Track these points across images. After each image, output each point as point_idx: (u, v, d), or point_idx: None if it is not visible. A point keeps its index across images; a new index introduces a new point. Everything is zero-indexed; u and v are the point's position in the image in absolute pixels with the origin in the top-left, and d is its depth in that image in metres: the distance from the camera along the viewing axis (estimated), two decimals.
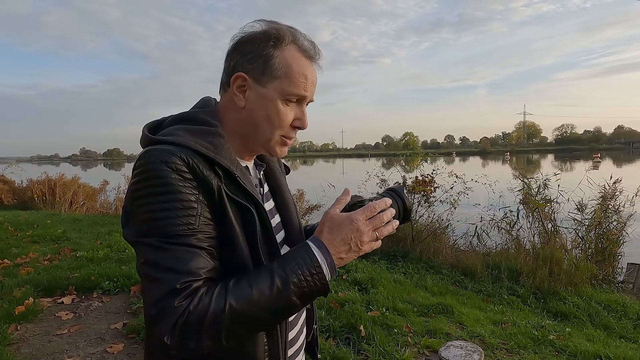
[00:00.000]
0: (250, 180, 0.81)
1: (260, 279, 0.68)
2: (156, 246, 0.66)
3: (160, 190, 0.67)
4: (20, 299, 3.34)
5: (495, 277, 4.49)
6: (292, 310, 0.71)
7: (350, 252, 0.73)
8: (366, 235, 0.73)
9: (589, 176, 5.39)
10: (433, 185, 5.84)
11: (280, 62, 0.77)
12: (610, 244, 4.96)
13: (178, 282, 0.64)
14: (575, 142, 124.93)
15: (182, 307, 0.64)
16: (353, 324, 2.98)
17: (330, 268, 0.71)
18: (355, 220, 0.73)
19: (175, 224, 0.67)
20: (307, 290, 0.69)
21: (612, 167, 20.49)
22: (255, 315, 0.67)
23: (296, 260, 0.70)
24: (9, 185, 11.40)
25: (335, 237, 0.73)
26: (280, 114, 0.78)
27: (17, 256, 4.76)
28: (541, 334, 3.06)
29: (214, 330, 0.64)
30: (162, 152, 0.69)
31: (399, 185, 0.87)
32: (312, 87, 0.81)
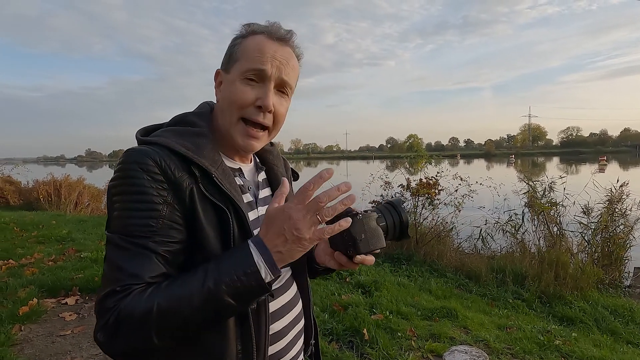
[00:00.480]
0: (233, 182, 0.79)
1: (194, 278, 0.67)
2: (114, 243, 0.69)
3: (128, 190, 0.70)
4: (24, 299, 3.35)
5: (500, 281, 4.45)
6: (227, 311, 0.68)
7: (288, 243, 0.67)
8: (301, 221, 0.65)
9: (595, 179, 5.34)
10: (437, 188, 5.82)
11: (241, 48, 0.81)
12: (617, 248, 4.91)
13: (120, 284, 0.66)
14: (581, 145, 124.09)
15: (116, 307, 0.65)
16: (356, 327, 2.96)
17: (270, 265, 0.67)
18: (287, 209, 0.67)
19: (135, 224, 0.68)
20: (242, 289, 0.66)
21: (619, 170, 20.30)
22: (185, 314, 0.65)
23: (232, 259, 0.68)
24: (15, 185, 11.50)
25: (269, 230, 0.68)
26: (238, 92, 0.78)
27: (22, 257, 4.78)
28: (547, 339, 3.02)
29: (143, 329, 0.64)
30: (137, 153, 0.71)
31: (398, 199, 0.82)
32: (274, 62, 0.79)
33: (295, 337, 0.89)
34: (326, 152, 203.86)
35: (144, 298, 0.65)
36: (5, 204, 10.79)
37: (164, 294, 0.65)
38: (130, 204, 0.69)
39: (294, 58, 0.83)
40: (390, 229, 0.78)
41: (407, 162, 8.18)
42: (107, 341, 0.65)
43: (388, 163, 16.67)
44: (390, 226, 0.78)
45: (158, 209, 0.69)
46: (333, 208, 0.67)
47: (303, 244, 0.67)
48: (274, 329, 0.82)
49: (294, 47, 0.84)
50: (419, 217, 5.75)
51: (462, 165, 36.65)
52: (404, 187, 6.02)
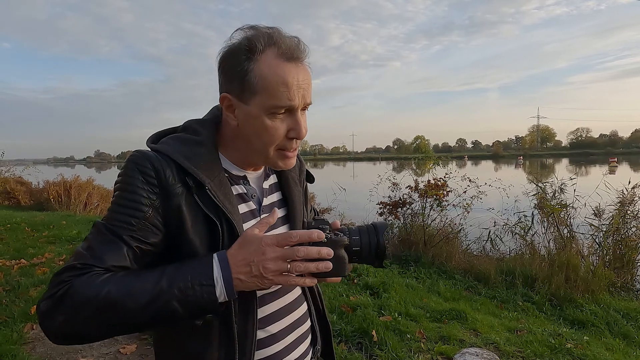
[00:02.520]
0: (228, 193, 0.78)
1: (150, 274, 0.67)
2: (97, 228, 0.71)
3: (122, 187, 0.73)
4: (36, 298, 3.40)
5: (509, 283, 4.41)
6: (171, 317, 0.66)
7: (251, 277, 0.67)
8: (271, 262, 0.66)
9: (606, 180, 5.27)
10: (446, 189, 5.78)
11: (255, 76, 0.72)
12: (629, 250, 4.83)
13: (82, 261, 0.67)
14: (591, 146, 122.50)
15: (69, 281, 0.65)
16: (365, 329, 2.95)
17: (227, 285, 0.67)
18: (264, 244, 0.67)
19: (118, 218, 0.71)
20: (192, 299, 0.65)
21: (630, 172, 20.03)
22: (130, 308, 0.64)
23: (192, 266, 0.68)
24: (26, 186, 11.67)
25: (239, 254, 0.68)
26: (269, 129, 0.75)
27: (33, 256, 4.85)
28: (558, 342, 2.99)
29: (86, 311, 0.64)
30: (139, 155, 0.75)
31: (382, 223, 0.78)
32: (299, 92, 0.74)
33: (296, 341, 0.87)
34: (333, 153, 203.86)
35: (97, 281, 0.65)
36: (16, 204, 10.95)
37: (117, 283, 0.65)
38: (120, 200, 0.72)
39: (310, 74, 0.78)
40: (365, 252, 0.75)
41: (414, 163, 8.16)
42: (47, 312, 0.65)
43: (395, 164, 16.62)
44: (365, 249, 0.75)
45: (143, 210, 0.71)
46: (306, 267, 0.68)
47: (264, 282, 0.68)
48: (270, 332, 0.82)
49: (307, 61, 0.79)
50: (427, 219, 5.72)
51: (469, 166, 36.41)
52: (412, 188, 6.00)
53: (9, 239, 5.85)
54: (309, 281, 0.70)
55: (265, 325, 0.81)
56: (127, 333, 0.73)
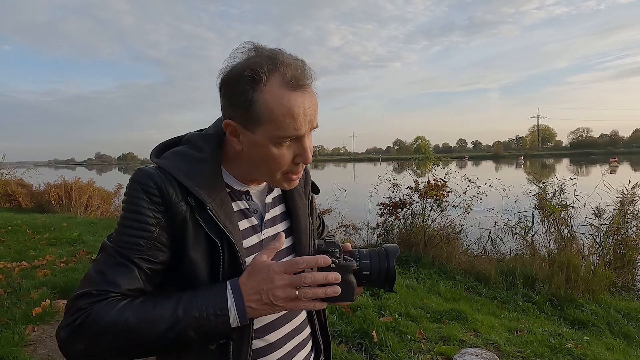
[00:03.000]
0: (230, 212, 0.78)
1: (166, 303, 0.68)
2: (106, 251, 0.72)
3: (128, 208, 0.73)
4: (37, 300, 3.41)
5: (509, 284, 4.41)
6: (187, 344, 0.68)
7: (262, 304, 0.68)
8: (280, 290, 0.68)
9: (606, 180, 5.27)
10: (446, 190, 5.79)
11: (261, 106, 0.71)
12: (629, 250, 4.82)
13: (97, 287, 0.68)
14: (592, 146, 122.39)
15: (87, 309, 0.66)
16: (365, 330, 2.95)
17: (240, 314, 0.69)
18: (272, 271, 0.68)
19: (126, 240, 0.71)
20: (207, 329, 0.67)
21: (630, 172, 20.01)
22: (148, 336, 0.66)
23: (207, 295, 0.69)
24: (27, 188, 11.69)
25: (249, 282, 0.70)
26: (276, 157, 0.75)
27: (34, 258, 4.86)
28: (558, 342, 2.99)
29: (106, 338, 0.65)
30: (142, 174, 0.75)
31: (393, 247, 0.78)
32: (305, 119, 0.73)
33: (295, 349, 0.88)
34: (333, 154, 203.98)
35: (115, 309, 0.66)
36: (17, 207, 10.97)
37: (134, 310, 0.67)
38: (126, 221, 0.72)
39: (316, 98, 0.76)
40: (375, 276, 0.75)
41: (414, 164, 8.16)
42: (68, 340, 0.66)
43: (395, 165, 16.63)
44: (374, 273, 0.75)
45: (150, 230, 0.72)
46: (314, 293, 0.68)
47: (274, 309, 0.69)
48: (268, 340, 0.82)
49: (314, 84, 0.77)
50: (427, 220, 5.73)
51: (470, 167, 36.39)
52: (412, 189, 6.00)
53: (10, 241, 5.87)
54: (319, 305, 0.71)
55: (263, 334, 0.82)
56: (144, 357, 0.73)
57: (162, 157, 0.80)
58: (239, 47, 0.74)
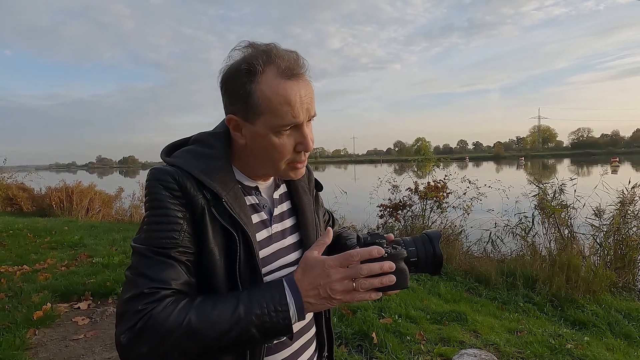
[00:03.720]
0: (243, 205, 0.80)
1: (226, 302, 0.69)
2: (140, 253, 0.72)
3: (153, 205, 0.74)
4: (38, 304, 3.42)
5: (510, 284, 4.41)
6: (249, 342, 0.69)
7: (320, 299, 0.69)
8: (337, 284, 0.68)
9: (607, 181, 5.27)
10: (446, 191, 5.79)
11: (258, 97, 0.74)
12: (629, 250, 4.82)
13: (147, 287, 0.68)
14: (592, 146, 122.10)
15: (146, 311, 0.66)
16: (365, 331, 2.96)
17: (298, 310, 0.69)
18: (327, 266, 0.69)
19: (160, 237, 0.72)
20: (269, 325, 0.68)
21: (631, 172, 19.96)
22: (211, 336, 0.66)
23: (265, 293, 0.70)
24: (28, 192, 11.72)
25: (305, 278, 0.70)
26: (277, 146, 0.77)
27: (35, 262, 4.87)
28: (558, 343, 2.99)
29: (169, 341, 0.65)
30: (159, 172, 0.76)
31: (435, 232, 0.79)
32: (302, 107, 0.75)
33: (302, 348, 0.90)
34: (334, 156, 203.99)
35: (175, 311, 0.67)
36: (18, 211, 11.00)
37: (195, 312, 0.67)
38: (155, 219, 0.73)
39: (311, 86, 0.79)
40: (422, 262, 0.77)
41: (415, 165, 8.17)
42: (130, 345, 0.66)
43: (396, 166, 16.61)
44: (422, 259, 0.77)
45: (180, 223, 0.73)
46: (371, 283, 0.69)
47: (332, 302, 0.70)
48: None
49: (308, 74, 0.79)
50: (427, 221, 5.73)
51: (470, 168, 36.36)
52: (412, 190, 6.01)
53: (11, 245, 5.89)
54: (374, 295, 0.71)
55: None
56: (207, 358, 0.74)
57: (173, 156, 0.82)
58: (236, 46, 0.78)
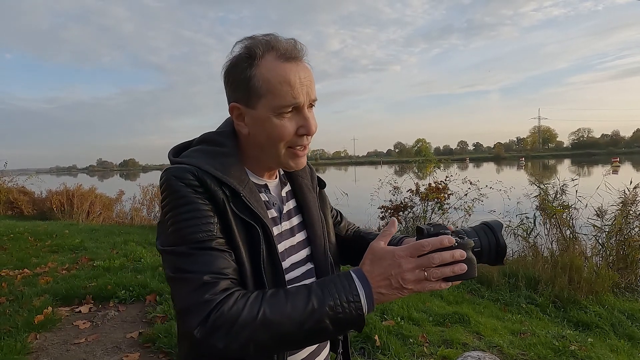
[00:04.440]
0: (259, 200, 0.81)
1: (298, 294, 0.69)
2: (182, 253, 0.71)
3: (180, 203, 0.73)
4: (39, 308, 3.41)
5: (512, 286, 4.39)
6: (323, 334, 0.68)
7: (392, 289, 0.69)
8: (409, 273, 0.68)
9: (608, 181, 5.26)
10: (447, 192, 5.78)
11: (259, 80, 0.75)
12: (632, 250, 4.80)
13: (204, 278, 0.68)
14: (593, 147, 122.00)
15: (214, 302, 0.66)
16: (367, 334, 2.94)
17: (369, 301, 0.69)
18: (397, 256, 0.69)
19: (196, 231, 0.71)
20: (342, 316, 0.67)
21: (633, 172, 19.92)
22: (285, 329, 0.66)
23: (335, 284, 0.69)
24: (29, 196, 11.73)
25: (375, 269, 0.70)
26: (278, 128, 0.77)
27: (36, 266, 4.86)
28: (562, 345, 2.97)
29: (244, 334, 0.65)
30: (176, 170, 0.75)
31: (496, 222, 0.78)
32: (303, 89, 0.76)
33: (319, 348, 0.90)
34: (334, 157, 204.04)
35: (248, 303, 0.67)
36: (19, 214, 11.00)
37: (268, 304, 0.67)
38: (184, 215, 0.72)
39: (311, 71, 0.81)
40: (485, 253, 0.75)
41: (415, 166, 8.16)
42: (205, 339, 0.65)
43: (396, 168, 16.60)
44: (485, 249, 0.75)
45: (211, 215, 0.73)
46: (442, 272, 0.69)
47: (403, 292, 0.70)
48: None
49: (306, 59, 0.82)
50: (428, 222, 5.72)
51: (471, 168, 36.35)
52: (413, 191, 6.00)
53: (12, 248, 5.88)
54: (444, 285, 0.71)
55: None
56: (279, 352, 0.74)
57: (182, 156, 0.81)
58: (238, 41, 0.80)
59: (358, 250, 1.02)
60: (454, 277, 0.70)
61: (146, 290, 3.85)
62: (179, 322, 0.72)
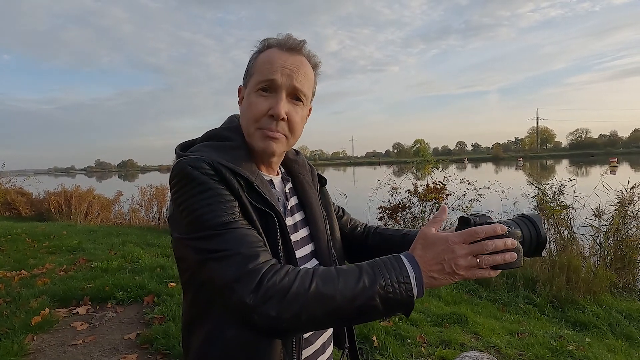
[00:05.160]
0: (271, 190, 0.83)
1: (349, 271, 0.69)
2: (211, 235, 0.70)
3: (199, 190, 0.73)
4: (36, 309, 3.39)
5: (510, 286, 4.40)
6: (373, 312, 0.68)
7: (444, 274, 0.69)
8: (462, 259, 0.69)
9: (606, 181, 5.27)
10: (445, 193, 5.79)
11: (255, 63, 0.85)
12: (629, 250, 4.82)
13: (244, 251, 0.69)
14: (591, 147, 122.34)
15: (262, 270, 0.67)
16: (365, 334, 2.94)
17: (419, 284, 0.69)
18: (451, 242, 0.70)
19: (221, 214, 0.71)
20: (392, 296, 0.67)
21: (630, 172, 19.98)
22: (337, 303, 0.66)
23: (386, 265, 0.70)
24: (27, 197, 11.69)
25: (427, 254, 0.70)
26: (252, 104, 0.82)
27: (34, 267, 4.85)
28: (560, 345, 2.98)
29: (297, 304, 0.65)
30: (190, 160, 0.75)
31: (535, 214, 0.80)
32: (283, 71, 0.81)
33: (324, 345, 0.91)
34: (333, 158, 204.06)
35: (300, 275, 0.68)
36: (17, 215, 10.97)
37: (320, 277, 0.68)
38: (205, 201, 0.72)
39: (306, 66, 0.85)
40: (527, 244, 0.76)
41: (414, 167, 8.18)
42: (258, 306, 0.65)
43: (395, 168, 16.62)
44: (527, 241, 0.76)
45: (232, 199, 0.74)
46: (494, 260, 0.69)
47: (455, 277, 0.70)
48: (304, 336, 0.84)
49: (307, 56, 0.86)
50: (426, 222, 5.72)
51: (469, 169, 36.38)
52: (412, 192, 6.00)
53: (9, 250, 5.86)
54: (493, 272, 0.71)
55: None
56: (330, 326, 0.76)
57: (190, 151, 0.81)
58: None
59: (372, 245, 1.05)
60: (503, 265, 0.71)
61: (144, 292, 3.84)
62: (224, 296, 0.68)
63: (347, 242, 1.06)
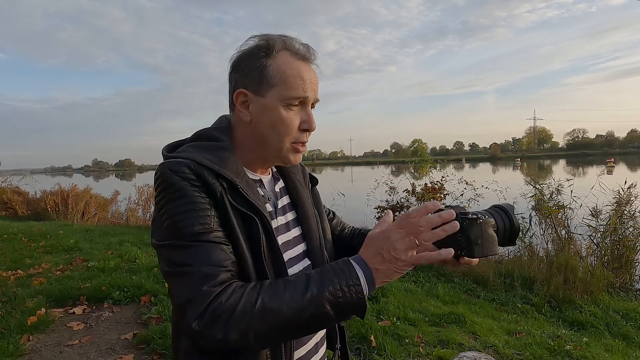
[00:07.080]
0: (256, 192, 0.81)
1: (296, 282, 0.69)
2: (178, 246, 0.70)
3: (175, 196, 0.72)
4: (32, 309, 3.37)
5: (508, 286, 4.40)
6: (324, 320, 0.68)
7: (385, 262, 0.69)
8: (399, 242, 0.69)
9: (603, 181, 5.28)
10: (443, 192, 5.79)
11: (274, 70, 0.78)
12: (626, 250, 4.83)
13: (202, 270, 0.67)
14: (588, 147, 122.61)
15: (213, 294, 0.66)
16: (363, 334, 2.94)
17: (369, 282, 0.69)
18: (387, 230, 0.71)
19: (193, 224, 0.70)
20: (342, 300, 0.67)
21: (627, 172, 20.04)
22: (285, 316, 0.66)
23: (334, 270, 0.70)
24: (23, 196, 11.62)
25: (369, 250, 0.72)
26: (285, 120, 0.79)
27: (30, 267, 4.82)
28: (557, 344, 2.98)
29: (243, 323, 0.65)
30: (171, 163, 0.75)
31: (508, 204, 0.81)
32: (312, 87, 0.81)
33: (317, 346, 0.91)
34: (331, 158, 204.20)
35: (246, 292, 0.67)
36: (13, 215, 10.91)
37: (266, 292, 0.67)
38: (179, 208, 0.71)
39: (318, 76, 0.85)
40: (501, 233, 0.77)
41: (411, 167, 8.18)
42: (203, 331, 0.65)
43: (393, 168, 16.62)
44: (500, 230, 0.77)
45: (208, 208, 0.73)
46: (433, 234, 0.69)
47: (399, 265, 0.69)
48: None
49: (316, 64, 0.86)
50: None
51: (467, 169, 36.46)
52: (409, 192, 6.00)
53: (5, 249, 5.83)
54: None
55: None
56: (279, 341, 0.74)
57: (177, 151, 0.81)
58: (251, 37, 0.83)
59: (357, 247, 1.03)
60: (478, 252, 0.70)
61: (141, 291, 3.82)
62: (178, 317, 0.71)
63: (336, 244, 1.06)
